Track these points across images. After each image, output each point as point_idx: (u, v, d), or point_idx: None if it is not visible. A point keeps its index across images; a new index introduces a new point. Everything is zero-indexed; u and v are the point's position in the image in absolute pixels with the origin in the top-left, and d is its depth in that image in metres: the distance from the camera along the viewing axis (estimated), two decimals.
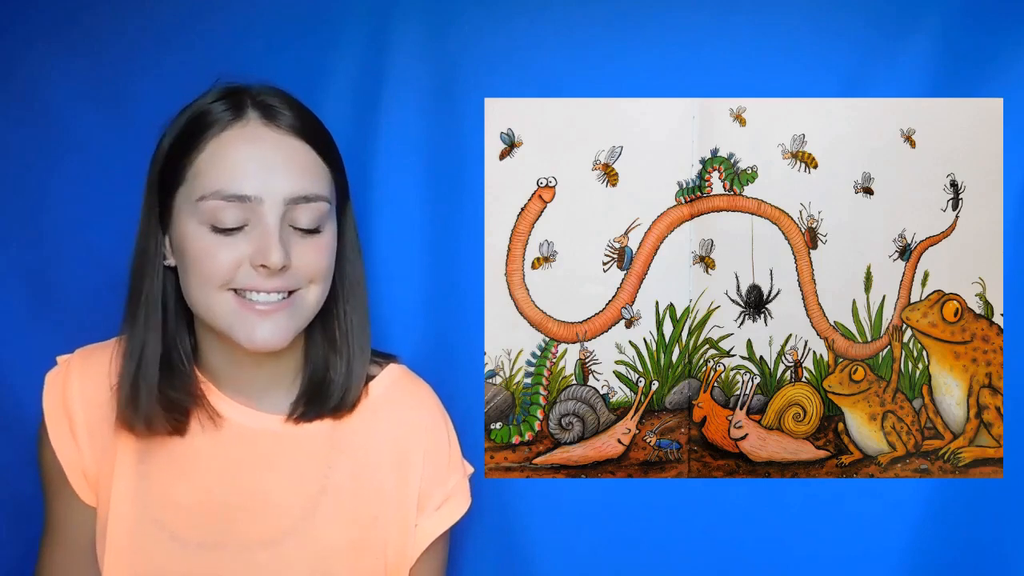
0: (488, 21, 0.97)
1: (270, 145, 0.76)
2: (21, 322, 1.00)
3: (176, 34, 0.98)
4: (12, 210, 1.00)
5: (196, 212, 0.75)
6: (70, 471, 0.82)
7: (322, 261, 0.78)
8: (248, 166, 0.75)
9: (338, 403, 0.83)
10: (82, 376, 0.83)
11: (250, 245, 0.75)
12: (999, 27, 0.95)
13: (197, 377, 0.83)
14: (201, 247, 0.75)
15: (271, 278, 0.75)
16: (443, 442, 0.88)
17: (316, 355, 0.84)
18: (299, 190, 0.76)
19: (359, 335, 0.85)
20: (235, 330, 0.76)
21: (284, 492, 0.82)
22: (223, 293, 0.76)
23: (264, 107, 0.77)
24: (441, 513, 0.86)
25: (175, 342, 0.81)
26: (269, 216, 0.75)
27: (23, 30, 0.98)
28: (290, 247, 0.76)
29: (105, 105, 0.99)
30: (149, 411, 0.79)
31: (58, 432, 0.82)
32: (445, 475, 0.87)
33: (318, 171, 0.78)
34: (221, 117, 0.76)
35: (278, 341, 0.77)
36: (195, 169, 0.75)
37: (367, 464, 0.84)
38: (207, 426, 0.82)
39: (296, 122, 0.77)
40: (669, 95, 0.99)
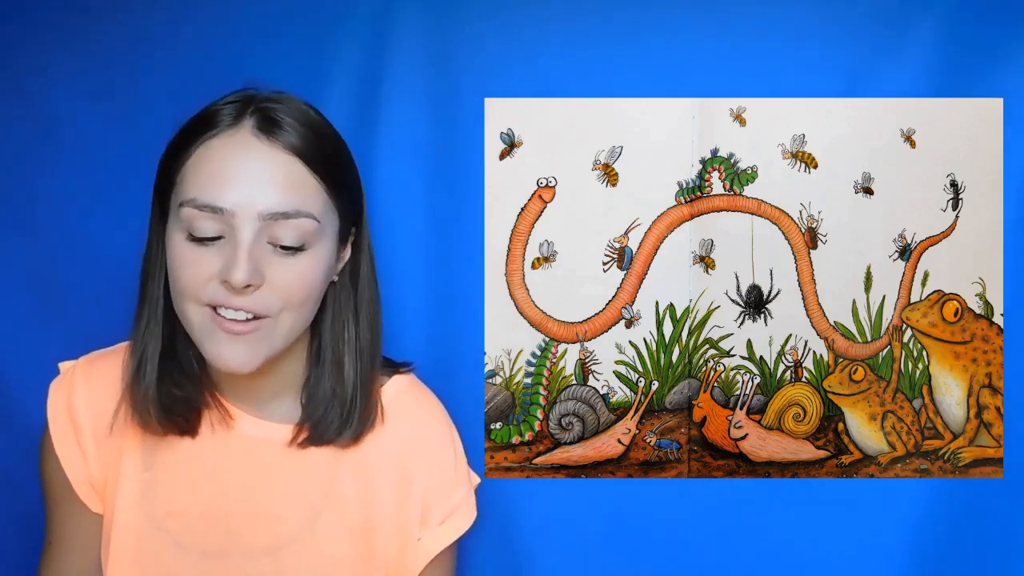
0: (488, 21, 0.97)
1: (255, 157, 0.72)
2: (23, 326, 1.00)
3: (177, 33, 0.98)
4: (12, 210, 1.00)
5: (178, 218, 0.72)
6: (75, 480, 0.81)
7: (300, 285, 0.74)
8: (226, 177, 0.71)
9: (340, 434, 0.81)
10: (88, 383, 0.82)
11: (221, 259, 0.71)
12: (999, 27, 0.95)
13: (206, 384, 0.81)
14: (177, 256, 0.72)
15: (237, 296, 0.71)
16: (448, 455, 0.86)
17: (322, 375, 0.81)
18: (277, 206, 0.71)
19: (368, 359, 0.82)
20: (205, 347, 0.74)
21: (288, 502, 0.81)
22: (198, 307, 0.73)
23: (263, 117, 0.73)
24: (445, 527, 0.85)
25: (184, 342, 0.79)
26: (241, 231, 0.71)
27: (22, 28, 0.98)
28: (265, 266, 0.72)
29: (106, 105, 0.99)
30: (145, 409, 0.78)
31: (63, 440, 0.81)
32: (449, 489, 0.86)
33: (306, 188, 0.73)
34: (219, 121, 0.73)
35: (244, 366, 0.73)
36: (183, 173, 0.73)
37: (371, 475, 0.83)
38: (219, 428, 0.81)
39: (292, 138, 0.73)
40: (669, 95, 0.99)
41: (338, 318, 0.81)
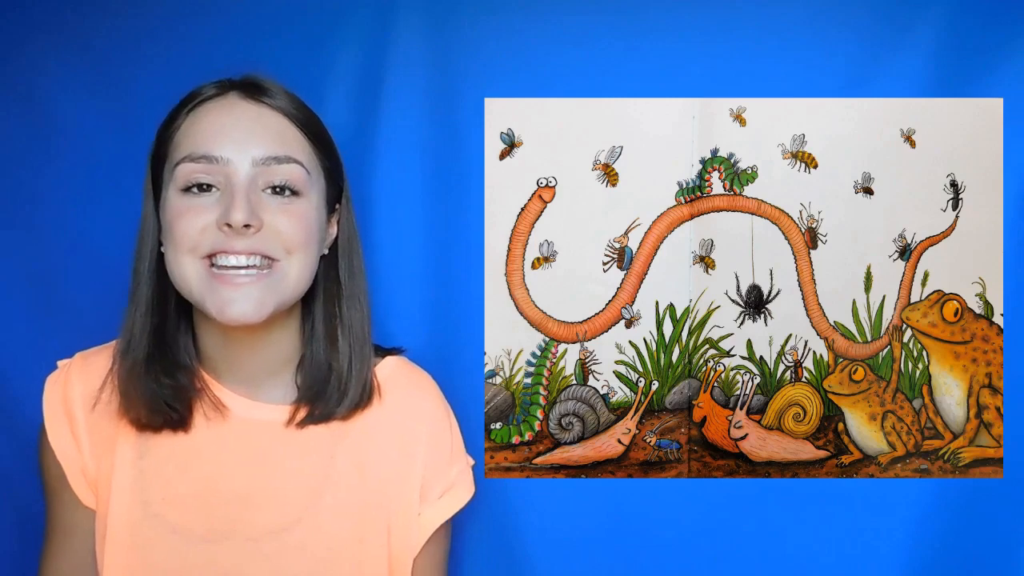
0: (488, 21, 0.97)
1: (244, 112, 0.77)
2: (23, 324, 1.00)
3: (177, 30, 0.98)
4: (12, 209, 1.00)
5: (173, 180, 0.76)
6: (70, 472, 0.82)
7: (299, 228, 0.77)
8: (219, 129, 0.76)
9: (339, 405, 0.83)
10: (83, 377, 0.83)
11: (218, 206, 0.75)
12: (999, 27, 0.95)
13: (199, 372, 0.82)
14: (172, 209, 0.75)
15: (239, 238, 0.74)
16: (445, 430, 0.88)
17: (316, 350, 0.83)
18: (269, 151, 0.76)
19: (360, 330, 0.84)
20: (207, 302, 0.75)
21: (288, 483, 0.82)
22: (196, 261, 0.75)
23: (248, 85, 0.79)
24: (444, 501, 0.86)
25: (175, 335, 0.81)
26: (237, 176, 0.75)
27: (22, 27, 0.98)
28: (261, 210, 0.75)
29: (106, 104, 0.99)
30: (139, 402, 0.78)
31: (58, 433, 0.82)
32: (447, 463, 0.87)
33: (294, 140, 0.78)
34: (204, 92, 0.78)
35: (251, 314, 0.75)
36: (175, 141, 0.77)
37: (370, 452, 0.84)
38: (213, 417, 0.82)
39: (277, 99, 0.78)
40: (669, 95, 0.99)
41: (328, 293, 0.83)
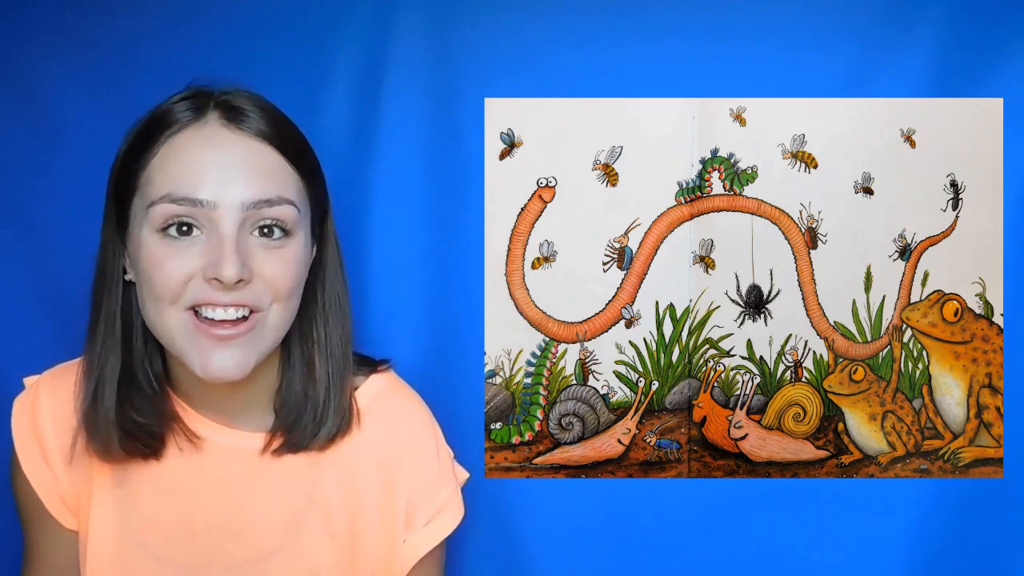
0: (488, 21, 0.97)
1: (229, 147, 0.70)
2: (23, 326, 1.00)
3: (177, 30, 0.98)
4: (12, 210, 1.00)
5: (148, 220, 0.69)
6: (47, 499, 0.79)
7: (288, 275, 0.71)
8: (201, 168, 0.68)
9: (315, 436, 0.78)
10: (51, 399, 0.79)
11: (203, 256, 0.68)
12: (999, 27, 0.95)
13: (171, 398, 0.78)
14: (150, 255, 0.69)
15: (227, 292, 0.68)
16: (431, 454, 0.83)
17: (292, 379, 0.78)
18: (259, 194, 0.69)
19: (339, 352, 0.79)
20: (190, 357, 0.70)
21: (268, 511, 0.79)
22: (178, 312, 0.69)
23: (227, 108, 0.71)
24: (431, 528, 0.82)
25: (142, 363, 0.76)
26: (224, 223, 0.68)
27: (22, 27, 0.98)
28: (251, 258, 0.69)
29: (106, 104, 0.98)
30: (106, 437, 0.74)
31: (30, 460, 0.79)
32: (433, 489, 0.83)
33: (284, 176, 0.72)
34: (179, 118, 0.71)
35: (236, 372, 0.70)
36: (147, 174, 0.70)
37: (353, 480, 0.80)
38: (186, 448, 0.78)
39: (261, 125, 0.71)
40: (669, 95, 0.99)
41: (306, 317, 0.78)
